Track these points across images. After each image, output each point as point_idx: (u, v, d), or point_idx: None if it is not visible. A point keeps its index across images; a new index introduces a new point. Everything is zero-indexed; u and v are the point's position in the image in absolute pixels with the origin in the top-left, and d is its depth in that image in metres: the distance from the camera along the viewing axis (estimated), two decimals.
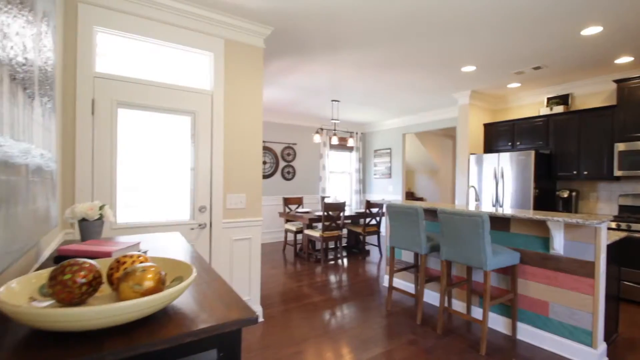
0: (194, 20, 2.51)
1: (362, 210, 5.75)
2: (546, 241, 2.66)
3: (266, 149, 6.44)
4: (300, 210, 5.51)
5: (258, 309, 2.92)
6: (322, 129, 7.23)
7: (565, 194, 4.37)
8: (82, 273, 0.81)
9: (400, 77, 4.29)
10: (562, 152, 4.38)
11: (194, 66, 2.65)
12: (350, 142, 5.76)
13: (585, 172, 4.17)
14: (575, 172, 4.27)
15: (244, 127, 2.81)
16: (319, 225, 5.29)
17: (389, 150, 7.35)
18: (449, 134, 8.11)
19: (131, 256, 0.89)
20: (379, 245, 5.69)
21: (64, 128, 2.06)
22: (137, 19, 2.31)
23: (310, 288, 3.95)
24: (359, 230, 5.38)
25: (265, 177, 6.44)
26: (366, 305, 3.45)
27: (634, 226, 3.56)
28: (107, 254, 1.15)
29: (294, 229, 5.37)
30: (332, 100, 5.44)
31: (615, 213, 4.18)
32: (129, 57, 2.42)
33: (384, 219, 7.48)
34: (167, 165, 2.54)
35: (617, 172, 3.83)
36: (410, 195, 8.84)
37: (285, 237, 5.69)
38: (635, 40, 3.15)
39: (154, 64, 2.50)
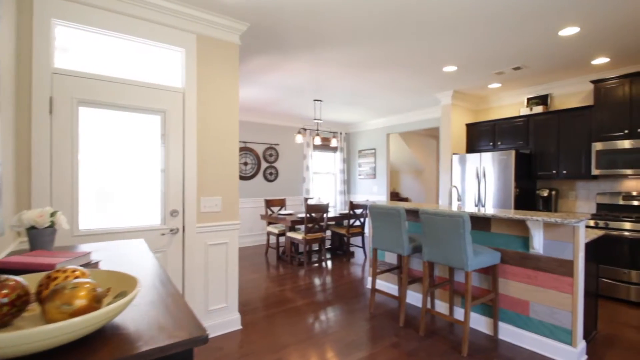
0: (163, 14, 2.38)
1: (346, 211, 5.69)
2: (526, 240, 2.65)
3: (247, 150, 6.31)
4: (282, 212, 5.41)
5: (236, 316, 2.81)
6: (304, 129, 7.15)
7: (545, 193, 4.42)
8: (4, 292, 0.71)
9: (383, 76, 4.26)
10: (542, 151, 4.43)
11: (164, 63, 2.52)
12: (334, 143, 5.70)
13: (565, 172, 4.23)
14: (554, 172, 4.32)
15: (219, 127, 2.70)
16: (302, 227, 5.19)
17: (373, 151, 7.33)
18: (433, 134, 8.16)
19: (64, 271, 0.78)
20: (363, 247, 5.64)
21: (18, 128, 1.91)
22: (101, 11, 2.17)
23: (293, 292, 3.86)
24: (343, 231, 5.32)
25: (246, 178, 6.30)
26: (350, 308, 3.38)
27: (612, 224, 3.61)
28: (50, 267, 1.03)
29: (276, 231, 5.27)
30: (315, 100, 5.36)
31: (594, 211, 4.25)
32: (94, 53, 2.28)
33: (367, 219, 7.44)
34: (136, 167, 2.40)
35: (595, 171, 3.89)
36: (395, 196, 8.85)
37: (268, 240, 5.57)
38: (610, 42, 3.19)
39: (121, 60, 2.36)
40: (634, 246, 3.46)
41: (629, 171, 3.65)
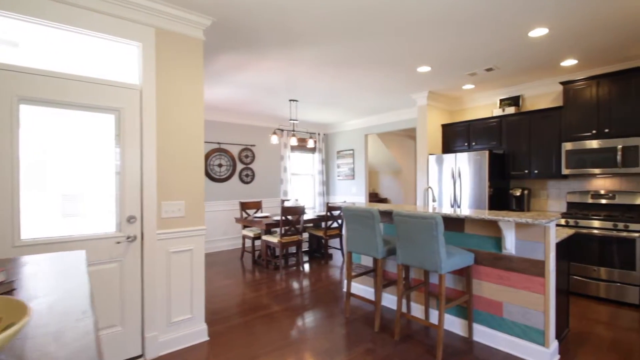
0: (117, 6, 2.21)
1: (324, 213, 5.60)
2: (499, 241, 2.63)
3: (222, 151, 6.11)
4: (258, 215, 5.26)
5: (202, 326, 2.65)
6: (281, 130, 7.01)
7: (518, 193, 4.47)
8: None
9: (359, 76, 4.19)
10: (515, 151, 4.49)
11: (119, 58, 2.35)
12: (310, 144, 5.59)
13: (536, 171, 4.29)
14: (526, 171, 4.38)
15: (181, 127, 2.54)
16: (278, 230, 5.06)
17: (351, 151, 7.28)
18: (411, 134, 8.20)
19: None
20: (341, 249, 5.56)
21: None
22: (45, 1, 1.98)
23: (267, 298, 3.72)
24: (321, 234, 5.22)
25: (221, 180, 6.10)
26: (325, 313, 3.28)
27: (582, 222, 3.67)
28: None
29: (251, 235, 5.11)
30: (290, 100, 5.25)
31: (564, 210, 4.33)
32: (41, 47, 2.09)
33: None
34: (89, 170, 2.22)
35: (565, 171, 3.96)
36: (374, 196, 8.84)
37: (243, 244, 5.40)
38: (578, 43, 3.24)
39: (70, 55, 2.17)
40: (603, 244, 3.52)
41: (597, 170, 3.73)
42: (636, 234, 3.33)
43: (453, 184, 4.69)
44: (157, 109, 2.42)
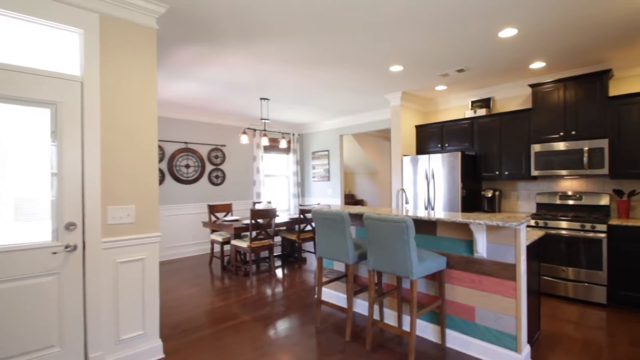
0: None
1: (297, 216, 5.43)
2: (471, 244, 2.56)
3: (189, 151, 5.81)
4: (228, 218, 5.02)
5: (156, 343, 2.41)
6: (253, 130, 6.78)
7: (490, 194, 4.49)
8: None
9: (331, 75, 4.06)
10: (486, 153, 4.50)
11: (58, 46, 2.09)
12: (283, 144, 5.41)
13: (507, 172, 4.32)
14: (497, 172, 4.40)
15: (132, 123, 2.30)
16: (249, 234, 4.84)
17: (326, 152, 7.15)
18: (386, 135, 8.18)
19: None
20: (315, 252, 5.41)
21: None
22: None
23: (234, 307, 3.50)
24: (294, 237, 5.04)
25: (188, 182, 5.80)
26: (296, 322, 3.11)
27: (550, 223, 3.70)
28: None
29: (220, 239, 4.86)
30: (261, 98, 5.05)
31: (534, 211, 4.38)
32: None
33: None
34: (19, 171, 1.95)
35: (534, 172, 4.00)
36: (350, 198, 8.76)
37: (212, 249, 5.13)
38: (547, 46, 3.26)
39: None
40: (571, 244, 3.56)
41: (564, 172, 3.77)
42: (602, 235, 3.38)
43: (427, 185, 4.65)
44: (102, 103, 2.18)
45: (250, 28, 2.83)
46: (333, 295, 3.61)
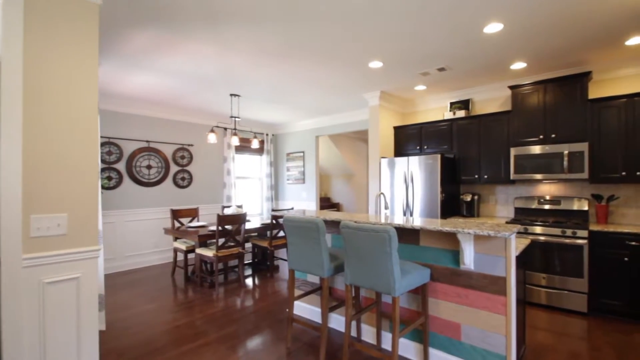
0: None
1: (269, 221, 5.09)
2: (457, 255, 2.35)
3: (151, 151, 5.32)
4: (193, 224, 4.60)
5: None
6: (223, 128, 6.37)
7: (469, 198, 4.36)
8: None
9: (306, 71, 3.78)
10: (465, 156, 4.38)
11: None
12: (255, 144, 5.06)
13: (486, 176, 4.20)
14: (477, 176, 4.28)
15: (65, 114, 1.91)
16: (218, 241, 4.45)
17: (302, 154, 6.86)
18: (363, 137, 8.01)
19: None
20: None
21: None
22: None
23: (195, 326, 3.13)
24: (265, 244, 4.70)
25: (150, 184, 5.31)
26: (267, 340, 2.79)
27: (530, 229, 3.60)
28: None
29: (184, 247, 4.44)
30: (232, 95, 4.68)
31: (512, 215, 4.29)
32: None
33: None
34: None
35: (514, 176, 3.90)
36: (326, 201, 8.51)
37: (175, 258, 4.69)
38: (530, 45, 3.14)
39: None
40: (551, 250, 3.47)
41: (544, 176, 3.69)
42: (583, 241, 3.30)
43: (405, 189, 4.46)
44: (27, 87, 1.77)
45: (214, 10, 2.49)
46: (307, 309, 3.31)
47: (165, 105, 5.21)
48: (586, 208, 3.72)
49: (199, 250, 4.18)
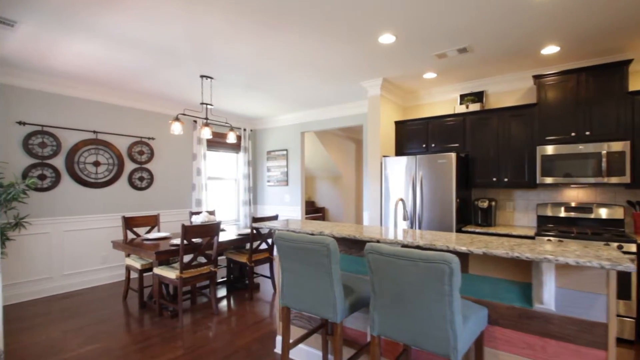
0: None
1: (247, 231, 4.25)
2: (527, 289, 1.66)
3: (99, 144, 4.30)
4: (152, 235, 3.68)
5: None
6: (194, 121, 5.44)
7: (485, 204, 3.75)
8: None
9: (294, 44, 3.01)
10: (480, 155, 3.78)
11: None
12: (231, 138, 4.21)
13: (506, 179, 3.62)
14: (495, 179, 3.69)
15: None
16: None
17: (285, 152, 6.05)
18: (352, 136, 7.33)
19: None
20: (272, 276, 4.27)
21: None
22: None
23: None
24: (244, 259, 3.86)
25: (97, 185, 4.28)
26: None
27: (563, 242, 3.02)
28: None
29: (138, 266, 3.50)
30: (202, 76, 3.82)
31: (533, 224, 3.73)
32: None
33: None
34: None
35: (541, 179, 3.32)
36: (310, 205, 7.73)
37: (128, 278, 3.73)
38: (569, 21, 2.57)
39: None
40: None
41: (576, 180, 3.14)
42: (630, 256, 2.75)
43: (413, 194, 3.79)
44: None
45: None
46: (304, 352, 2.52)
47: (117, 87, 4.22)
48: (621, 217, 3.21)
49: (157, 271, 3.27)
